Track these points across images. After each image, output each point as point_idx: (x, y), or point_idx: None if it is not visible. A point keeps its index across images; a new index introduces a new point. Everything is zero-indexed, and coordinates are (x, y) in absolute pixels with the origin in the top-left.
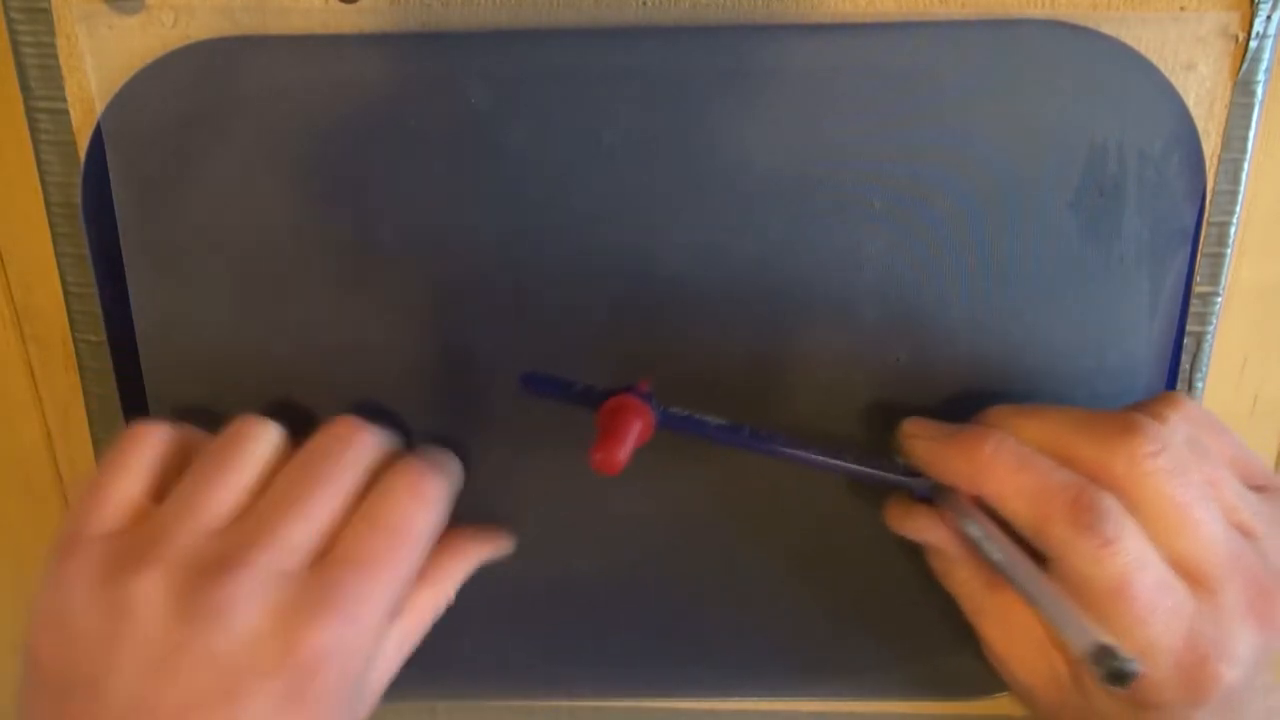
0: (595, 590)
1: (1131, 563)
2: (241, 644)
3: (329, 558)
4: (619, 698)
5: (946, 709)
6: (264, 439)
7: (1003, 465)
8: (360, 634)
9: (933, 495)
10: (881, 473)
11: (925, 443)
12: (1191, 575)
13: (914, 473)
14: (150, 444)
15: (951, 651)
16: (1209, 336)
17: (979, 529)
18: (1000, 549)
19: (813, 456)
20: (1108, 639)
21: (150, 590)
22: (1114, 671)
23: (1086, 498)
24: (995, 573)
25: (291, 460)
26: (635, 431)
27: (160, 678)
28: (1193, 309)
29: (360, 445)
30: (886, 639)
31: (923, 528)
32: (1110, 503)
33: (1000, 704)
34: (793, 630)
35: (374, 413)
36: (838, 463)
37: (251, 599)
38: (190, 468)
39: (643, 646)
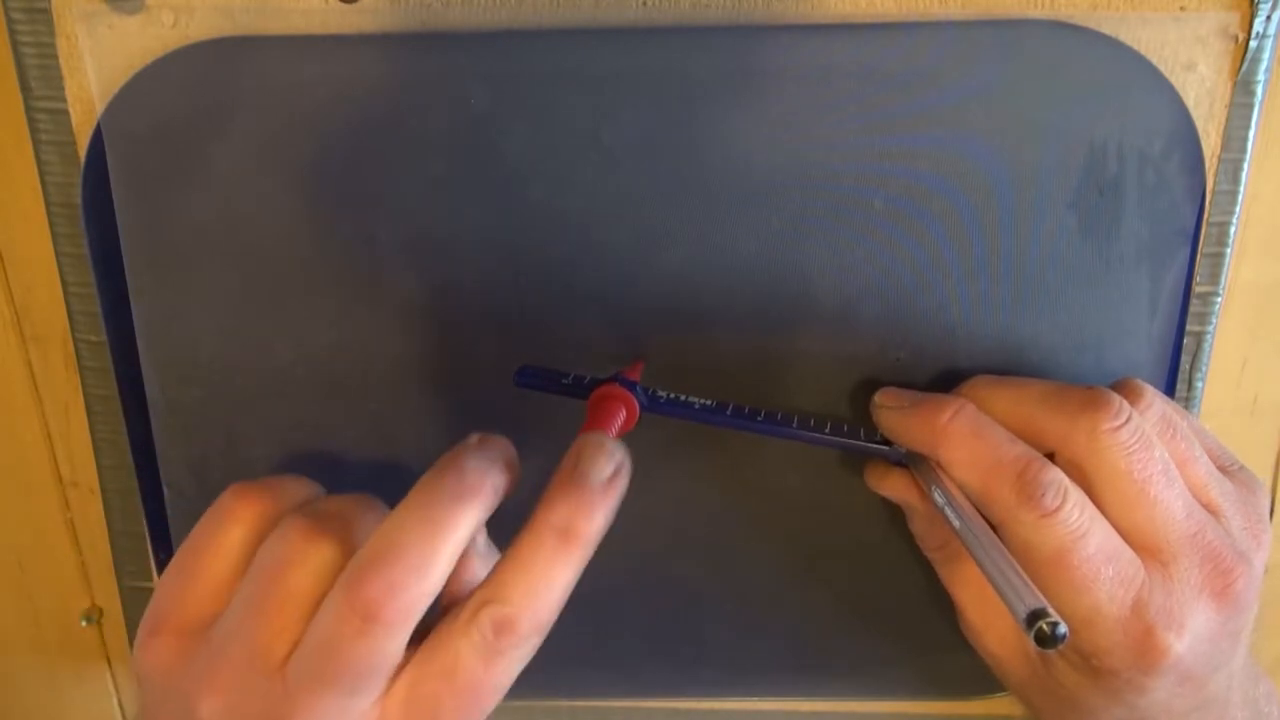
0: (595, 590)
1: (1071, 532)
2: None
3: (400, 709)
4: (619, 698)
5: (946, 709)
6: (309, 562)
7: (958, 434)
8: None
9: (908, 463)
10: (859, 442)
11: (890, 412)
12: (1146, 548)
13: (891, 442)
14: (243, 520)
15: (951, 651)
16: (1209, 336)
17: (942, 495)
18: (958, 515)
19: (792, 430)
20: (1039, 602)
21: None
22: (1041, 633)
23: (1032, 470)
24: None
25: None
26: (619, 420)
27: None
28: (1193, 309)
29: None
30: (886, 638)
31: (900, 488)
32: (1054, 475)
33: (1000, 704)
34: (792, 630)
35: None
36: (816, 435)
37: None
38: (249, 585)
39: (643, 647)
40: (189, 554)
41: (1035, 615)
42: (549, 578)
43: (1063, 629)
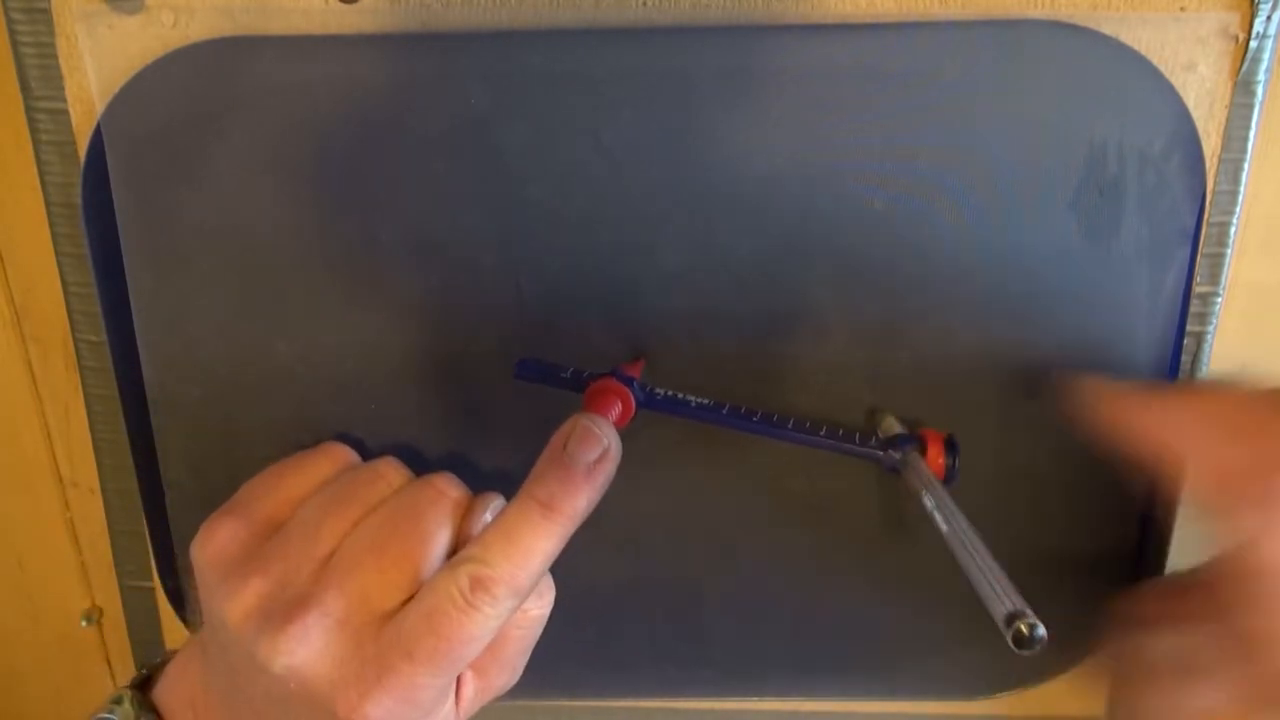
0: (596, 590)
1: None
2: (299, 680)
3: (389, 634)
4: (619, 698)
5: (946, 709)
6: (392, 486)
7: (1205, 437)
8: (412, 712)
9: (898, 468)
10: (853, 446)
11: (1121, 406)
12: None
13: (885, 448)
14: (336, 465)
15: (951, 651)
16: (1209, 336)
17: (932, 500)
18: (946, 519)
19: (787, 431)
20: (1019, 605)
21: (249, 599)
22: (1019, 634)
23: None
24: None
25: (383, 507)
26: (614, 413)
27: (243, 676)
28: (1193, 309)
29: (442, 509)
30: (886, 638)
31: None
32: None
33: (1000, 704)
34: (793, 630)
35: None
36: (811, 437)
37: (312, 644)
38: (328, 490)
39: (643, 646)
40: (279, 468)
41: (1013, 616)
42: (529, 547)
43: (1040, 631)
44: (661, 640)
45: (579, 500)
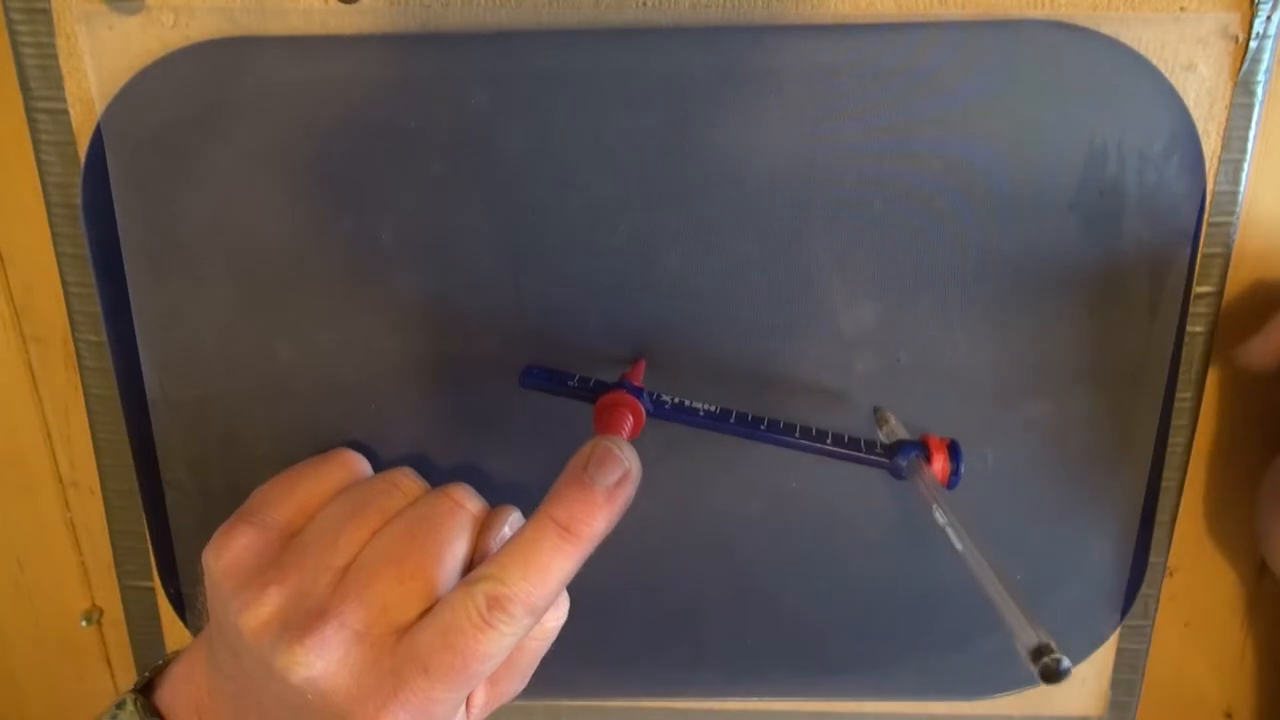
0: (596, 590)
1: None
2: (316, 691)
3: (405, 648)
4: (619, 698)
5: (946, 709)
6: (408, 497)
7: None
8: None
9: (905, 475)
10: (860, 454)
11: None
12: None
13: (890, 455)
14: (350, 474)
15: (951, 651)
16: (1209, 336)
17: (944, 515)
18: (960, 538)
19: (794, 440)
20: (1044, 637)
21: (266, 609)
22: (1046, 669)
23: None
24: None
25: (400, 518)
26: (626, 427)
27: (256, 683)
28: (1193, 309)
29: (460, 521)
30: (886, 638)
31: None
32: None
33: (1000, 704)
34: (792, 630)
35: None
36: (818, 445)
37: (331, 655)
38: (345, 499)
39: (643, 646)
40: (292, 474)
41: (1040, 651)
42: (546, 567)
43: (1066, 664)
44: (661, 641)
45: (598, 523)
